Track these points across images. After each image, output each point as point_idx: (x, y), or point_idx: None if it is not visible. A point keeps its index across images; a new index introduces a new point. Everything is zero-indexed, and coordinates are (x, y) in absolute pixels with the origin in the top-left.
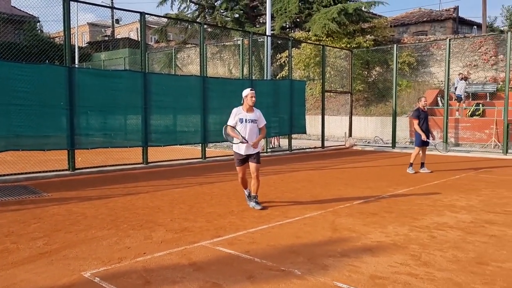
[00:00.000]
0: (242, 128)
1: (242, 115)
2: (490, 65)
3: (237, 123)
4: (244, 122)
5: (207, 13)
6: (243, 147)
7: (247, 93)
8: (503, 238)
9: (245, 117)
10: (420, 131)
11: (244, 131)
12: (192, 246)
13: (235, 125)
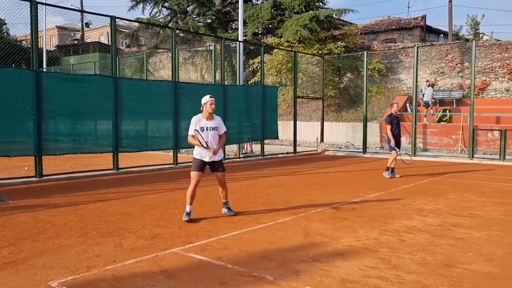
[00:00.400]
0: (204, 137)
1: (203, 123)
2: (456, 72)
3: (199, 131)
4: (206, 131)
5: (179, 18)
6: (205, 153)
7: (207, 100)
8: (469, 241)
9: (206, 125)
10: (392, 136)
11: (206, 139)
12: (164, 253)
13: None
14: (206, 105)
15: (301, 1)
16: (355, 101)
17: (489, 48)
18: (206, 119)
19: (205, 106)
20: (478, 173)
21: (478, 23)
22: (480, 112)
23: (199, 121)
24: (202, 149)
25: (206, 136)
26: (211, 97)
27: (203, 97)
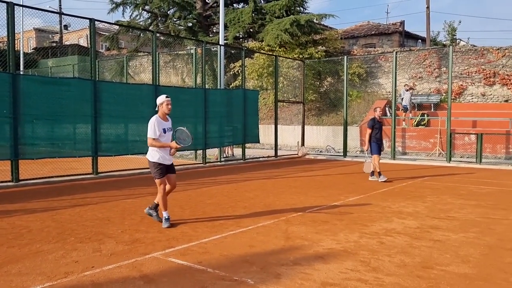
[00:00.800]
0: (165, 139)
1: (163, 124)
2: (434, 77)
3: (161, 134)
4: (167, 132)
5: (159, 21)
6: (167, 156)
7: (163, 100)
8: (446, 243)
9: (165, 126)
10: (368, 141)
11: (168, 141)
12: (143, 258)
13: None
14: (162, 105)
15: (282, 5)
16: (336, 105)
17: (466, 53)
18: (163, 119)
19: (161, 106)
20: (456, 176)
21: (455, 29)
22: (457, 116)
23: (160, 123)
24: (165, 153)
25: (167, 138)
26: (167, 97)
27: (158, 97)
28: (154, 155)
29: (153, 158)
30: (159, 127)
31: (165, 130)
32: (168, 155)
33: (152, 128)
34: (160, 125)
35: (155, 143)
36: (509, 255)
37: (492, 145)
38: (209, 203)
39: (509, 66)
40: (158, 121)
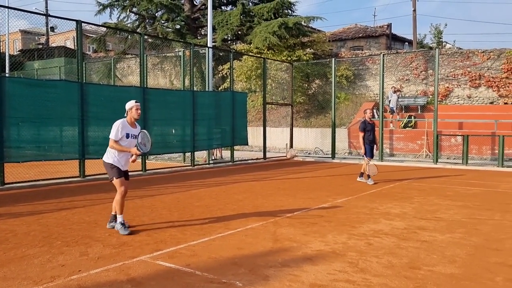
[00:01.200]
0: (127, 143)
1: (128, 129)
2: (421, 80)
3: (123, 138)
4: (130, 138)
5: (147, 24)
6: (124, 161)
7: (132, 105)
8: (433, 243)
9: (131, 132)
10: (363, 144)
11: (128, 147)
12: (131, 261)
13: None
14: (131, 110)
15: (270, 8)
16: (324, 107)
17: (452, 56)
18: (130, 125)
19: (130, 111)
20: (442, 177)
21: (441, 32)
22: (443, 118)
23: (125, 127)
24: (121, 159)
25: (129, 143)
26: (137, 102)
27: (127, 102)
28: (110, 157)
29: (108, 160)
30: (123, 130)
31: (129, 135)
32: (125, 162)
33: (115, 129)
34: (124, 129)
35: (116, 145)
36: (494, 255)
37: (478, 147)
38: (198, 205)
39: (494, 69)
40: (123, 125)
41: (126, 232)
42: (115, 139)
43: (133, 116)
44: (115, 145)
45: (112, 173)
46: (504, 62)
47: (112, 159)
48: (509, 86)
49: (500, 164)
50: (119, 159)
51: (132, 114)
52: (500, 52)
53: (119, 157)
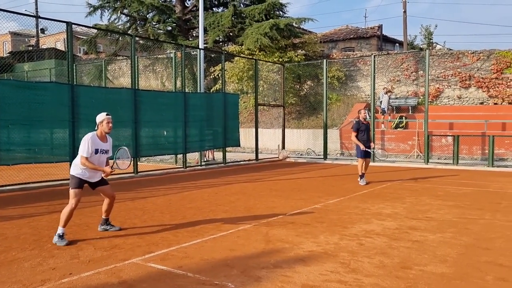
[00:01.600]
0: (96, 159)
1: (98, 144)
2: (412, 80)
3: (92, 153)
4: (99, 153)
5: (138, 25)
6: (94, 174)
7: (103, 118)
8: (424, 243)
9: (101, 147)
10: (358, 141)
11: (97, 163)
12: (123, 264)
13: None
14: (102, 124)
15: (261, 9)
16: (316, 108)
17: (442, 57)
18: (101, 139)
19: (101, 125)
20: (433, 177)
21: (431, 33)
22: (434, 118)
23: (94, 142)
24: (92, 174)
25: (97, 159)
26: (108, 114)
27: (98, 115)
28: (76, 169)
29: (73, 171)
30: (93, 146)
31: (98, 151)
32: (96, 174)
33: (85, 145)
34: (94, 144)
35: (87, 163)
36: (485, 254)
37: (468, 147)
38: (190, 207)
39: (483, 69)
40: (93, 139)
41: (63, 243)
42: (87, 156)
43: (104, 129)
44: (86, 162)
45: (71, 181)
46: (494, 62)
47: (77, 171)
48: (499, 87)
49: (490, 164)
50: (84, 170)
51: (103, 127)
52: (489, 53)
53: (91, 173)
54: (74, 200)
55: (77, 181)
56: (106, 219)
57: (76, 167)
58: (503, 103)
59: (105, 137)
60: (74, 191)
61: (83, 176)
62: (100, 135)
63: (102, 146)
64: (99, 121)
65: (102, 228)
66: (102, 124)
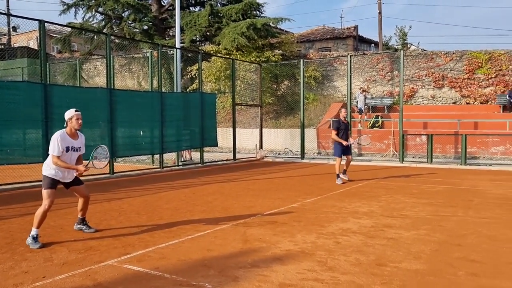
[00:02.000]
0: (67, 158)
1: (68, 142)
2: (387, 80)
3: (63, 151)
4: (70, 151)
5: (114, 24)
6: (67, 173)
7: (72, 115)
8: (399, 240)
9: (72, 144)
10: (339, 139)
11: (68, 161)
12: (98, 266)
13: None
14: (71, 120)
15: (238, 9)
16: (293, 108)
17: (416, 57)
18: (71, 136)
19: (70, 121)
20: (408, 176)
21: (406, 34)
22: (409, 118)
23: (63, 139)
24: (65, 173)
25: (69, 157)
26: (77, 110)
27: (66, 112)
28: (48, 169)
29: (45, 172)
30: (63, 143)
31: (69, 148)
32: (69, 173)
33: (54, 144)
34: (64, 141)
35: (60, 162)
36: (457, 250)
37: (442, 146)
38: (167, 208)
39: (456, 70)
40: (63, 137)
41: (37, 246)
42: (58, 155)
43: (73, 126)
44: (58, 161)
45: (44, 182)
46: (466, 63)
47: (49, 171)
48: (471, 87)
49: (463, 162)
50: (57, 170)
51: (72, 124)
52: (462, 54)
53: (58, 169)
54: (47, 201)
55: (50, 182)
56: (82, 219)
57: (48, 167)
58: (475, 103)
59: (76, 134)
60: (47, 191)
61: (56, 176)
62: (70, 132)
63: (73, 144)
64: (68, 117)
65: (78, 228)
66: (71, 121)
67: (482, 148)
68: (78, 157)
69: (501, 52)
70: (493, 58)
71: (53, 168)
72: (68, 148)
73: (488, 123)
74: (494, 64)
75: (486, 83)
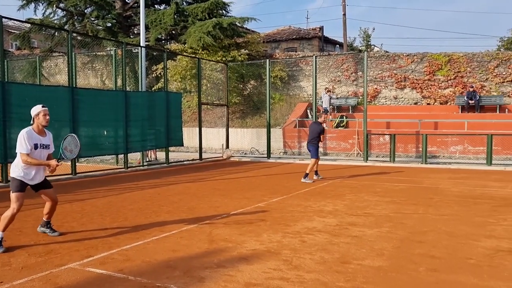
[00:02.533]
0: (36, 155)
1: (36, 139)
2: (351, 81)
3: (31, 149)
4: (40, 148)
5: (76, 20)
6: (36, 174)
7: (39, 111)
8: (363, 238)
9: (40, 141)
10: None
11: (38, 159)
12: (59, 269)
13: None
14: (38, 116)
15: (204, 8)
16: (259, 108)
17: (379, 59)
18: (39, 134)
19: (37, 118)
20: (372, 174)
21: (369, 36)
22: (372, 118)
23: (30, 137)
24: (34, 171)
25: (39, 155)
26: (44, 106)
27: (33, 108)
28: (15, 171)
29: (13, 174)
30: (30, 141)
31: (37, 145)
32: (34, 174)
33: (21, 142)
34: (31, 139)
35: (30, 159)
36: (418, 246)
37: (404, 145)
38: (131, 208)
39: (417, 71)
40: (29, 134)
41: (1, 251)
42: (27, 152)
43: (40, 123)
44: (29, 159)
45: (12, 184)
46: (427, 65)
47: (18, 173)
48: (431, 88)
49: (424, 161)
50: (29, 172)
51: (39, 120)
52: (422, 56)
53: (31, 170)
54: (16, 205)
55: (19, 184)
56: (47, 222)
57: (17, 168)
58: (435, 103)
59: (43, 131)
60: (15, 195)
61: (24, 179)
62: (37, 129)
63: (41, 141)
64: (35, 113)
65: (41, 230)
66: (38, 117)
67: (442, 147)
68: (48, 156)
69: (459, 54)
70: (452, 60)
71: (22, 168)
72: (37, 145)
73: (447, 123)
74: (453, 66)
75: (446, 84)
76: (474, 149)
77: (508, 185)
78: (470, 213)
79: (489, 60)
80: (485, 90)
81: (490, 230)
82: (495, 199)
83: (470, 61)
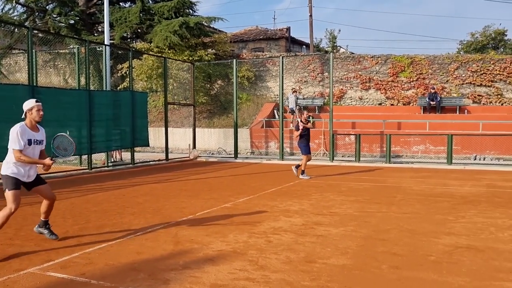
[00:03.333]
0: (30, 151)
1: (30, 134)
2: (318, 81)
3: (25, 145)
4: (33, 144)
5: (37, 17)
6: (30, 170)
7: (32, 105)
8: (328, 237)
9: (33, 137)
10: None
11: (32, 156)
12: (17, 275)
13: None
14: (32, 111)
15: (170, 7)
16: (226, 108)
17: (345, 60)
18: (32, 129)
19: (29, 113)
20: (338, 174)
21: (335, 37)
22: (338, 118)
23: (24, 132)
24: (27, 167)
25: (32, 152)
26: (37, 101)
27: (25, 102)
28: (7, 168)
29: (5, 171)
30: (24, 136)
31: (31, 141)
32: (31, 171)
33: (14, 137)
34: (25, 134)
35: (24, 157)
36: (381, 244)
37: (369, 145)
38: (95, 210)
39: (381, 73)
40: (23, 130)
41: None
42: (20, 148)
43: (33, 118)
44: (22, 156)
45: (6, 183)
46: (390, 66)
47: (11, 169)
48: (395, 89)
49: (388, 161)
50: (21, 169)
51: (32, 116)
52: (386, 58)
53: (23, 168)
54: (13, 205)
55: (14, 182)
56: (45, 222)
57: (9, 165)
58: (399, 104)
59: (36, 127)
60: (12, 193)
61: (18, 175)
62: (30, 124)
63: (35, 137)
64: (28, 108)
65: (38, 231)
66: (31, 112)
67: (405, 147)
68: (41, 152)
69: (421, 57)
70: (415, 62)
71: (14, 165)
72: (31, 141)
73: (410, 124)
74: (416, 68)
75: (408, 85)
76: (435, 148)
77: (467, 183)
78: (431, 211)
79: (449, 63)
80: (445, 91)
81: (450, 227)
82: (455, 197)
83: (431, 63)
